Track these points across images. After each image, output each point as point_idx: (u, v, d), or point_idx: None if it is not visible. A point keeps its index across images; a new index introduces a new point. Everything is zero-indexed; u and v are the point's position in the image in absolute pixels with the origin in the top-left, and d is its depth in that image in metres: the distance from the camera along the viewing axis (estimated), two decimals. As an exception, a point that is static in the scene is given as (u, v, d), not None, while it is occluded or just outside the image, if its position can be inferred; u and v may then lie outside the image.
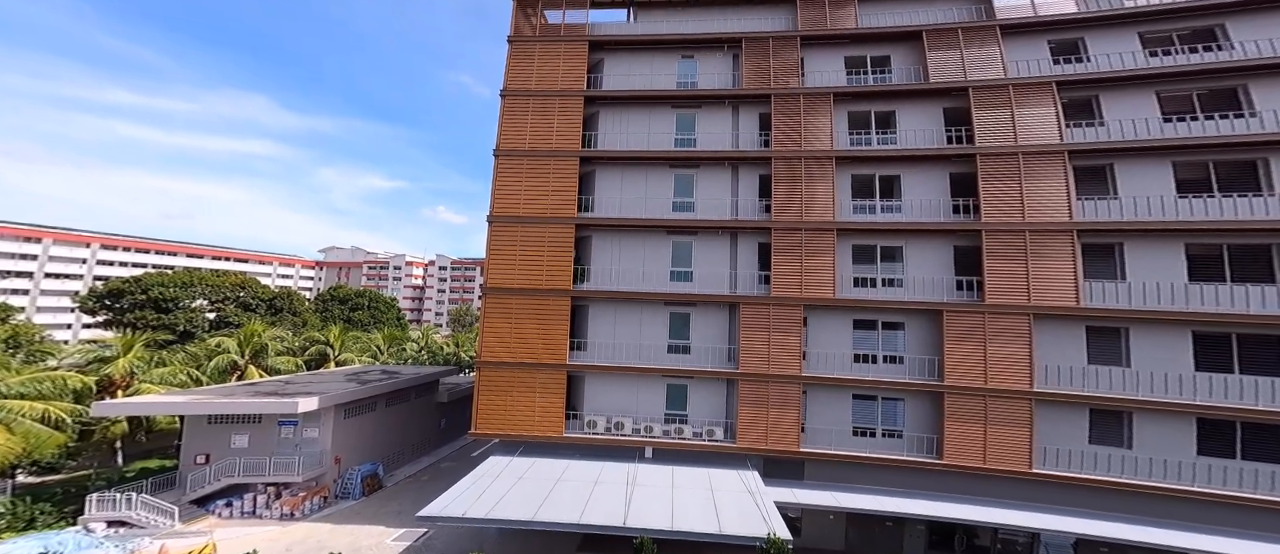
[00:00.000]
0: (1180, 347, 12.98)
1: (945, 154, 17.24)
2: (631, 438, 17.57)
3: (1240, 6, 16.65)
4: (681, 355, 18.28)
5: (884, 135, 18.31)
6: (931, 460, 13.61)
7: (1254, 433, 11.80)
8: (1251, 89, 15.73)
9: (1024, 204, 15.84)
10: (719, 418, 17.40)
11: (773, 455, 15.76)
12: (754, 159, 18.89)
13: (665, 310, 18.92)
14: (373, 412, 24.16)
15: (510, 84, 21.02)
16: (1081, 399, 13.03)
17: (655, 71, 20.52)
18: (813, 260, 17.18)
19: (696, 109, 20.07)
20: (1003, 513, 11.93)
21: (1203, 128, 15.56)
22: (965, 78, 17.87)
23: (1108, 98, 16.92)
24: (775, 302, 17.17)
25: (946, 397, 14.18)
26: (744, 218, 18.54)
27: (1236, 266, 13.46)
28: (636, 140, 20.17)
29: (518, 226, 19.85)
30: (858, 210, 17.63)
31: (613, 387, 18.55)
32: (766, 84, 19.26)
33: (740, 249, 18.50)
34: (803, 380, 16.19)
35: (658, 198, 19.58)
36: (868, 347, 16.02)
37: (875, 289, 16.52)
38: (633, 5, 22.11)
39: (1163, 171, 15.43)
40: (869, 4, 19.79)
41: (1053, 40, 18.17)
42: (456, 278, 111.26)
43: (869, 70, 19.13)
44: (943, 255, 16.28)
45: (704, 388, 17.83)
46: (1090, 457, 12.55)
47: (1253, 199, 14.03)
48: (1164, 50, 17.21)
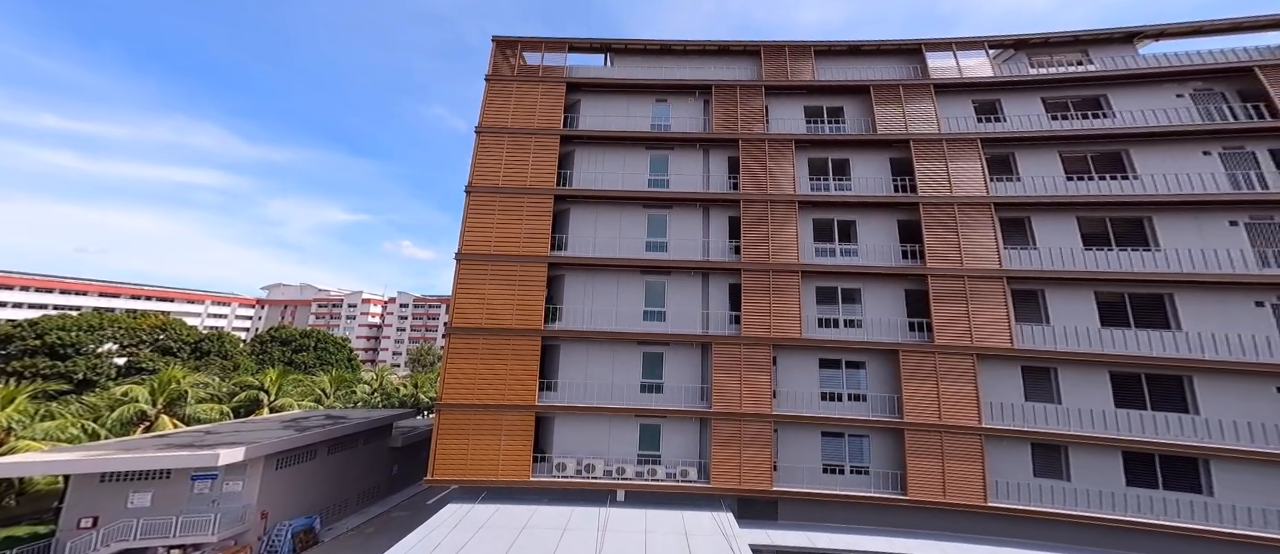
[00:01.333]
0: (1100, 385, 14.34)
1: (893, 202, 18.14)
2: (603, 480, 16.61)
3: (1119, 79, 19.03)
4: (654, 395, 17.67)
5: (840, 182, 19.00)
6: (897, 496, 13.95)
7: (1169, 464, 13.22)
8: (1132, 154, 17.93)
9: (961, 251, 16.95)
10: (692, 458, 16.92)
11: (746, 495, 15.48)
12: (724, 201, 18.87)
13: (638, 350, 18.26)
14: (312, 461, 21.32)
15: (486, 121, 19.77)
16: (1023, 434, 13.97)
17: (630, 114, 20.13)
18: (780, 301, 17.31)
19: (669, 151, 19.83)
20: (963, 548, 12.39)
21: (1097, 186, 17.55)
22: (907, 131, 19.01)
23: (1022, 156, 18.64)
24: (746, 341, 17.08)
25: (906, 433, 14.67)
26: (715, 259, 18.40)
27: (1138, 314, 15.17)
28: (612, 180, 19.56)
29: (488, 264, 18.46)
30: (820, 253, 18.07)
31: (584, 428, 17.55)
32: (734, 129, 19.42)
33: (712, 289, 18.31)
34: (774, 419, 16.13)
35: (632, 237, 19.00)
36: (833, 385, 16.32)
37: (838, 330, 16.92)
38: (609, 51, 21.71)
39: (1070, 225, 17.14)
40: (825, 58, 20.67)
41: (976, 100, 19.82)
42: (419, 316, 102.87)
43: (825, 120, 19.87)
44: (896, 298, 17.01)
45: (677, 427, 17.31)
46: (1036, 489, 13.42)
47: (1143, 253, 15.93)
48: (1063, 114, 19.31)
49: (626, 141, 19.91)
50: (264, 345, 47.18)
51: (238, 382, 32.80)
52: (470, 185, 18.98)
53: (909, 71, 20.41)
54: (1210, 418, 13.13)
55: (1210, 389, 13.52)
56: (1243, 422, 12.88)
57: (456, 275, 18.67)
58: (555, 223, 19.16)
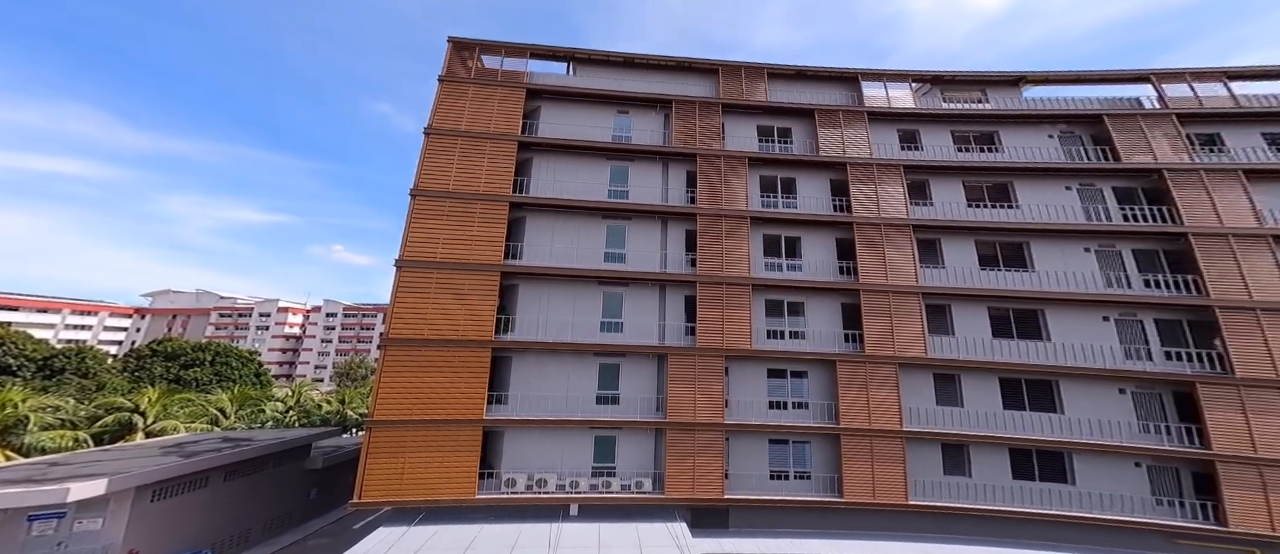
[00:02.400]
0: (992, 389, 16.43)
1: (832, 220, 19.09)
2: (556, 495, 16.00)
3: (1006, 118, 21.46)
4: (611, 406, 17.26)
5: (787, 199, 19.58)
6: (834, 499, 15.00)
7: (1043, 458, 15.58)
8: (1016, 186, 20.44)
9: (887, 268, 18.37)
10: (647, 469, 16.84)
11: (700, 504, 15.76)
12: (681, 214, 18.62)
13: (595, 361, 17.66)
14: (203, 489, 18.25)
15: (438, 122, 17.60)
16: (935, 436, 15.64)
17: (592, 124, 19.00)
18: (733, 313, 17.60)
19: (630, 163, 19.06)
20: (889, 547, 13.66)
21: (989, 214, 19.84)
22: (844, 154, 20.00)
23: (935, 183, 20.44)
24: (700, 352, 17.19)
25: (842, 438, 15.77)
26: (672, 271, 18.17)
27: (1019, 326, 17.53)
28: (571, 189, 18.40)
29: (434, 272, 16.65)
30: (769, 267, 18.57)
31: (536, 441, 16.72)
32: (693, 144, 19.14)
33: (669, 301, 18.11)
34: (726, 428, 16.49)
35: (590, 248, 18.13)
36: (780, 394, 17.04)
37: (784, 341, 17.62)
38: (573, 60, 20.21)
39: (969, 247, 19.18)
40: (776, 80, 21.00)
41: (900, 129, 21.32)
42: (350, 326, 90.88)
43: (776, 139, 20.29)
44: (834, 311, 18.05)
45: (633, 439, 17.10)
46: (945, 486, 15.14)
47: (1023, 273, 18.34)
48: (966, 147, 21.49)
49: (587, 151, 18.86)
50: (142, 361, 39.34)
51: (103, 403, 26.89)
52: (416, 188, 16.87)
53: (847, 98, 21.41)
54: (1072, 417, 15.68)
55: (1072, 392, 16.11)
56: (1096, 419, 15.55)
57: (397, 283, 16.73)
58: (510, 231, 17.72)
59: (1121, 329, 17.17)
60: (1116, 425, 15.39)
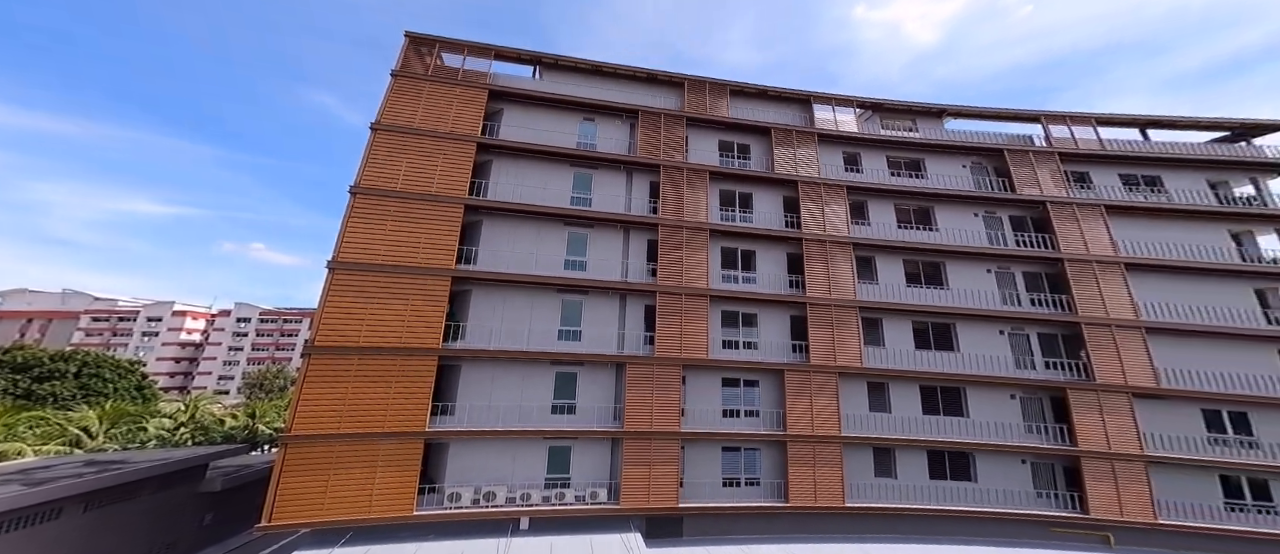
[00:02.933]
0: (913, 396, 18.09)
1: (784, 236, 19.80)
2: (505, 509, 15.27)
3: (930, 147, 23.45)
4: (567, 416, 16.74)
5: (744, 214, 19.96)
6: (780, 504, 15.78)
7: (953, 459, 17.45)
8: (936, 211, 22.53)
9: (830, 283, 19.48)
10: (603, 479, 16.59)
11: (655, 514, 15.79)
12: (644, 224, 18.29)
13: (551, 370, 16.99)
14: (54, 521, 15.38)
15: (388, 118, 15.81)
16: (868, 440, 16.93)
17: (557, 129, 17.99)
18: (691, 323, 17.71)
19: (594, 170, 18.32)
20: (827, 548, 14.46)
21: (914, 235, 21.68)
22: (796, 173, 20.75)
23: (872, 204, 21.83)
24: (659, 361, 17.14)
25: (789, 444, 16.57)
26: (633, 280, 17.85)
27: (936, 338, 19.44)
28: (532, 195, 17.33)
29: (374, 275, 15.02)
30: (726, 279, 18.87)
31: (486, 453, 15.84)
32: (657, 155, 18.82)
33: (629, 310, 17.80)
34: (682, 436, 16.69)
35: (550, 255, 17.26)
36: (733, 402, 17.49)
37: (738, 351, 18.08)
38: (540, 64, 18.89)
39: (898, 265, 20.89)
40: (738, 97, 21.19)
41: (845, 152, 22.55)
42: (268, 332, 79.66)
43: (735, 155, 20.54)
44: (783, 323, 18.79)
45: (589, 448, 16.75)
46: (876, 488, 16.47)
47: (940, 290, 20.31)
48: (899, 172, 23.24)
49: (551, 157, 17.89)
50: (-24, 374, 31.87)
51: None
52: (358, 185, 15.03)
53: (801, 119, 22.16)
54: (975, 420, 17.75)
55: (975, 397, 18.21)
56: (993, 422, 17.75)
57: (329, 285, 14.92)
58: (464, 234, 16.35)
59: (1013, 341, 19.64)
60: (1008, 427, 17.68)
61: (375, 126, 16.65)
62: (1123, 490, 16.23)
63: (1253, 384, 18.33)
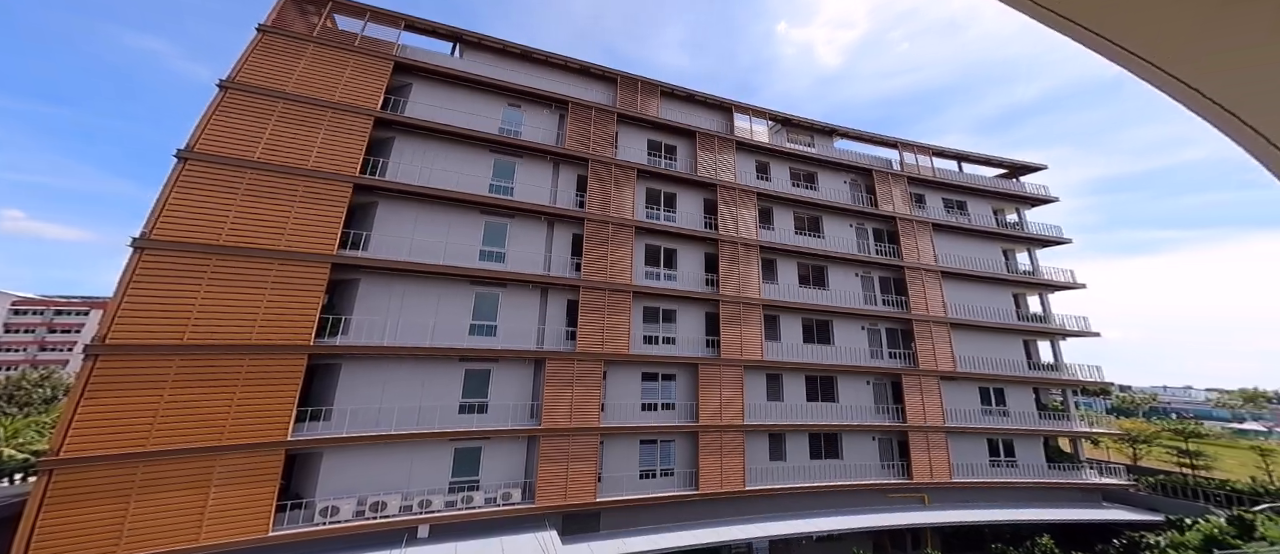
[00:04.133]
0: (800, 385, 19.89)
1: (702, 236, 19.69)
2: (400, 519, 13.07)
3: (822, 163, 25.34)
4: (477, 416, 14.76)
5: (668, 213, 19.26)
6: (692, 492, 16.15)
7: (827, 440, 19.69)
8: (824, 220, 24.70)
9: (740, 283, 20.11)
10: (517, 478, 15.15)
11: (572, 511, 14.91)
12: (570, 217, 16.43)
13: (460, 367, 14.69)
14: None
15: (248, 77, 11.89)
16: (765, 427, 18.14)
17: (478, 113, 15.18)
18: (614, 318, 16.73)
19: (517, 159, 15.81)
20: (729, 530, 15.11)
21: (805, 241, 23.50)
22: (716, 177, 20.65)
23: (776, 211, 23.01)
24: (580, 357, 15.93)
25: (700, 434, 16.96)
26: (556, 274, 16.07)
27: (819, 333, 21.53)
28: (444, 179, 14.30)
29: (215, 259, 11.05)
30: (649, 276, 18.16)
31: (374, 460, 13.31)
32: (587, 149, 16.96)
33: (550, 304, 16.06)
34: (601, 431, 15.92)
35: (463, 244, 14.54)
36: (651, 396, 17.16)
37: (658, 346, 17.71)
38: (460, 41, 15.42)
39: (793, 268, 22.57)
40: (668, 99, 20.07)
41: (757, 160, 23.16)
42: (26, 326, 55.92)
43: (662, 155, 19.54)
44: (699, 319, 18.88)
45: (501, 448, 15.06)
46: (771, 471, 17.78)
47: (822, 291, 22.46)
48: (797, 182, 24.75)
49: (470, 141, 15.04)
50: None
51: None
52: (191, 150, 10.66)
53: (722, 126, 21.94)
54: (843, 404, 20.28)
55: (844, 385, 20.71)
56: (855, 405, 20.50)
57: (133, 269, 10.54)
58: (352, 217, 12.77)
59: (870, 335, 22.79)
60: (863, 409, 20.61)
61: (226, 85, 12.06)
62: (933, 457, 20.13)
63: (1008, 367, 24.00)
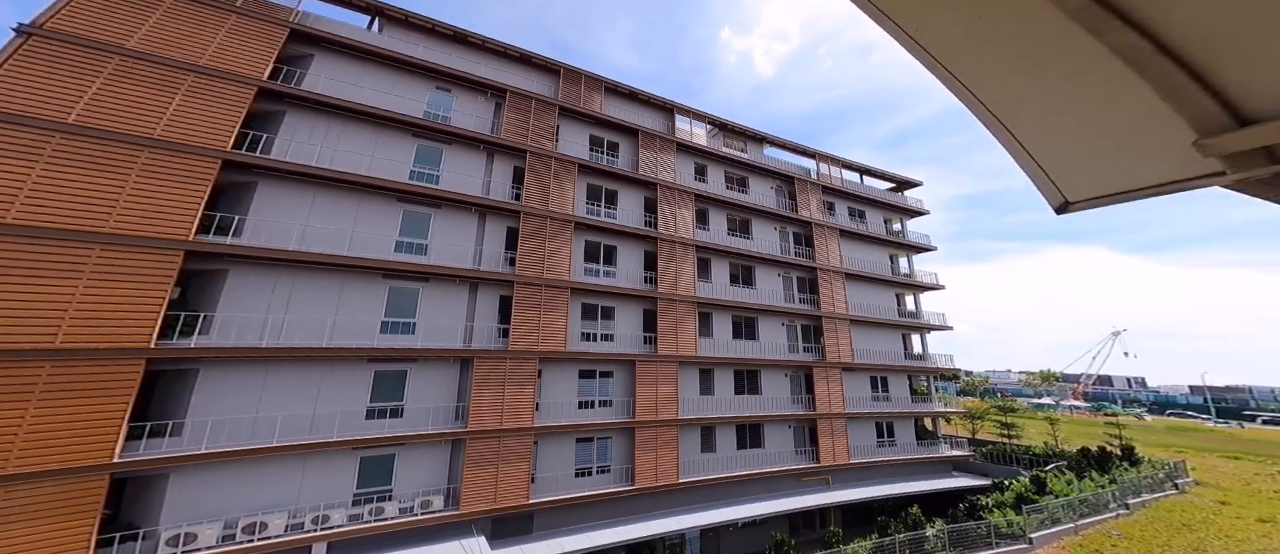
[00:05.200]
0: (729, 379, 20.15)
1: (642, 234, 18.94)
2: (286, 539, 10.79)
3: (752, 168, 25.85)
4: (390, 420, 12.65)
5: (609, 210, 18.16)
6: (628, 487, 15.46)
7: (752, 430, 20.15)
8: (753, 223, 25.32)
9: (677, 281, 19.76)
10: (439, 484, 13.29)
11: (503, 514, 13.48)
12: (505, 210, 14.66)
13: (369, 369, 12.44)
14: None
15: (67, 24, 8.47)
16: (698, 421, 17.89)
17: (397, 93, 12.94)
18: (550, 315, 15.35)
19: (446, 145, 13.70)
20: (663, 522, 14.67)
21: (736, 242, 23.87)
22: (657, 176, 19.98)
23: (711, 212, 23.03)
24: (513, 354, 14.38)
25: (637, 430, 16.32)
26: (488, 268, 14.24)
27: (746, 330, 22.03)
28: (352, 162, 11.76)
29: None
30: (588, 272, 16.97)
31: (247, 476, 10.90)
32: (525, 140, 15.28)
33: (480, 300, 14.22)
34: (535, 431, 14.57)
35: (374, 233, 12.17)
36: (589, 393, 16.08)
37: (596, 343, 16.65)
38: (381, 15, 12.63)
39: (726, 267, 22.73)
40: (612, 95, 18.87)
41: (696, 162, 22.91)
42: None
43: (605, 151, 18.35)
44: (637, 316, 18.13)
45: (420, 454, 13.10)
46: (702, 463, 17.68)
47: (750, 290, 23.02)
48: (731, 186, 25.03)
49: (386, 123, 12.73)
50: None
51: None
52: None
53: (664, 126, 21.28)
54: (766, 396, 21.02)
55: (767, 378, 21.48)
56: (775, 396, 21.33)
57: None
58: (220, 198, 9.93)
59: (789, 331, 23.94)
60: (783, 400, 21.57)
61: (28, 30, 8.43)
62: (835, 441, 21.70)
63: (890, 357, 26.79)
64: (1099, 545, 17.04)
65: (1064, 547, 17.04)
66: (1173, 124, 0.92)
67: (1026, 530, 16.77)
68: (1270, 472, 29.99)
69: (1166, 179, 1.07)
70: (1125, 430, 33.04)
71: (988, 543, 16.11)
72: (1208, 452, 36.20)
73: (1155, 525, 18.98)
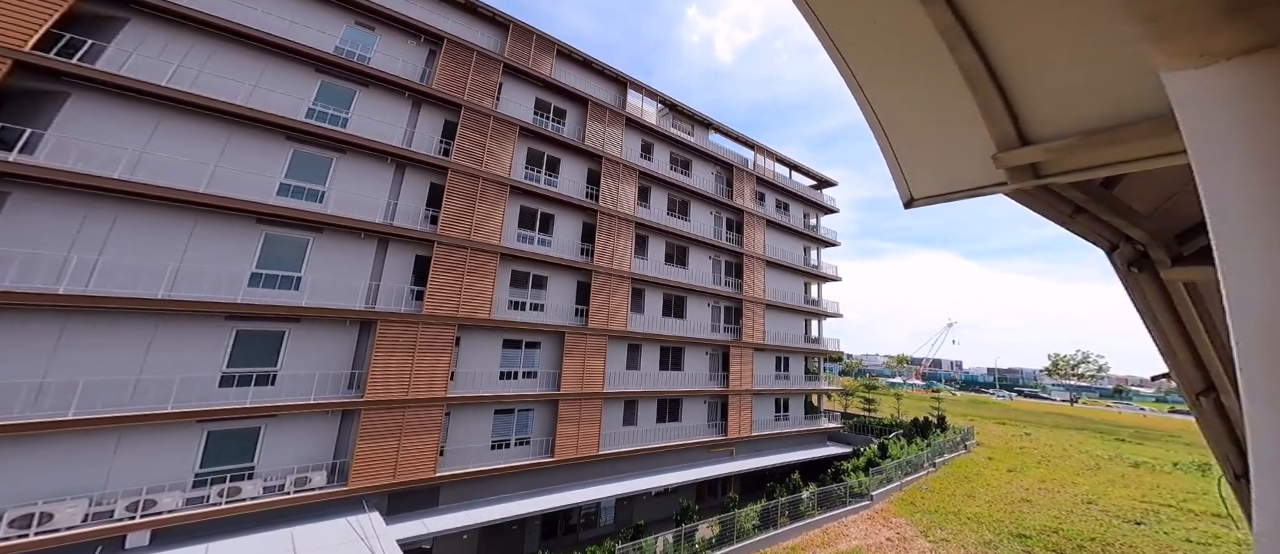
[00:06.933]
0: (655, 355, 19.56)
1: (583, 205, 17.20)
2: (86, 530, 8.13)
3: (698, 153, 24.84)
4: (256, 389, 10.05)
5: (550, 178, 16.05)
6: (546, 459, 14.31)
7: (672, 405, 19.89)
8: (692, 205, 24.59)
9: (613, 255, 18.46)
10: (324, 458, 10.96)
11: (403, 489, 11.66)
12: (430, 165, 11.99)
13: (227, 327, 9.63)
14: None
15: None
16: (623, 394, 17.08)
17: (299, 21, 9.30)
18: (476, 280, 13.24)
19: (361, 87, 10.46)
20: (579, 493, 13.78)
21: (676, 222, 22.99)
22: (603, 149, 18.16)
23: (653, 191, 21.88)
24: (428, 319, 12.21)
25: (561, 402, 15.09)
26: (403, 224, 11.66)
27: (675, 308, 21.57)
28: (219, 88, 8.23)
29: None
30: (521, 239, 14.90)
31: (22, 459, 8.02)
32: (461, 95, 12.46)
33: (391, 258, 11.67)
34: (449, 401, 12.68)
35: (249, 171, 9.25)
36: (513, 364, 14.35)
37: (525, 312, 14.87)
38: None
39: (662, 246, 21.88)
40: (563, 60, 16.32)
41: (643, 139, 21.37)
42: None
43: (551, 117, 15.98)
44: (571, 287, 16.58)
45: (297, 427, 10.64)
46: (623, 435, 16.84)
47: (683, 270, 22.51)
48: (675, 167, 23.92)
49: (279, 52, 9.05)
50: None
51: None
52: None
53: (615, 99, 19.27)
54: (687, 372, 20.95)
55: (689, 355, 21.39)
56: (695, 373, 21.36)
57: None
58: (5, 106, 6.32)
59: (712, 311, 24.07)
60: (702, 376, 21.74)
61: None
62: (741, 416, 22.50)
63: (794, 340, 28.53)
64: (913, 498, 19.89)
65: (893, 500, 19.62)
66: (983, 136, 1.04)
67: (870, 490, 18.92)
68: (1019, 433, 37.99)
69: (974, 184, 1.21)
70: (942, 404, 39.52)
71: (844, 502, 17.85)
72: (989, 420, 44.68)
73: (948, 479, 22.61)
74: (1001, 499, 20.06)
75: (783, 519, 15.28)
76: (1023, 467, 26.61)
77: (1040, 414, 51.66)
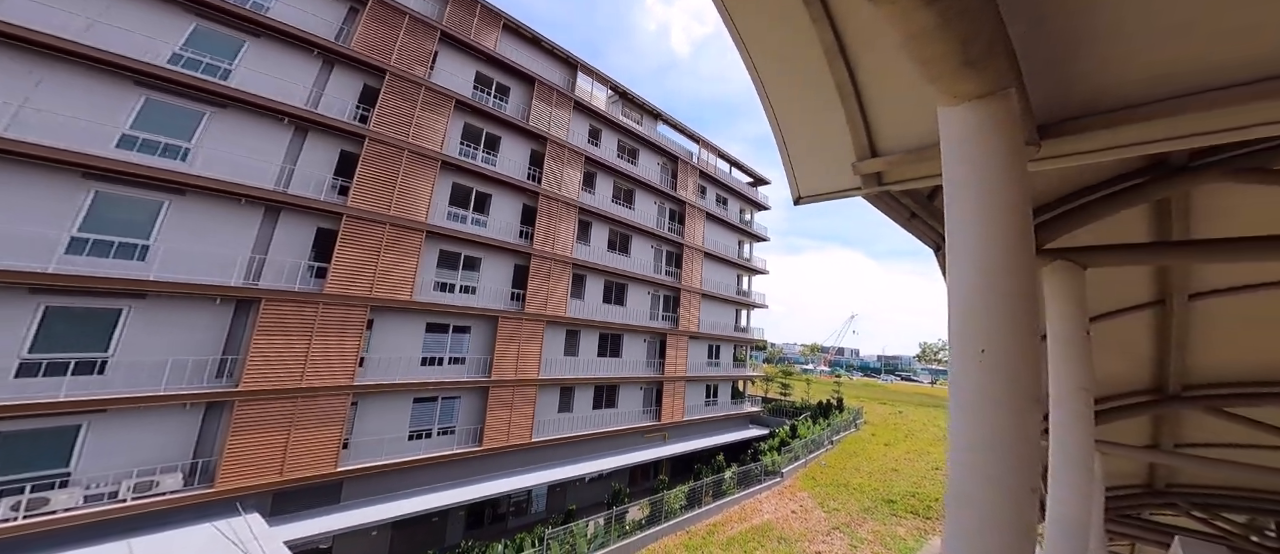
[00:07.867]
0: (593, 342, 18.96)
1: (524, 186, 15.90)
2: None
3: (646, 143, 24.23)
4: (73, 378, 7.85)
5: (488, 155, 14.49)
6: (473, 448, 13.13)
7: (609, 391, 19.47)
8: (637, 194, 24.05)
9: (555, 239, 17.44)
10: (180, 458, 8.95)
11: (295, 486, 10.01)
12: (342, 131, 10.02)
13: (30, 303, 7.33)
14: None
15: None
16: (559, 381, 16.33)
17: None
18: (395, 257, 11.57)
19: (252, 37, 8.21)
20: (509, 481, 12.91)
21: (620, 210, 22.34)
22: (549, 131, 16.91)
23: (599, 178, 21.03)
24: (330, 299, 10.41)
25: (491, 390, 13.94)
26: (301, 192, 9.66)
27: (616, 295, 21.10)
28: (35, 14, 5.62)
29: None
30: (452, 218, 13.29)
31: None
32: (387, 59, 10.53)
33: (284, 228, 9.68)
34: (355, 389, 11.03)
35: (75, 118, 6.63)
36: (437, 349, 12.84)
37: (454, 294, 13.37)
38: None
39: (605, 233, 20.96)
40: (510, 34, 14.67)
41: (591, 125, 20.31)
42: None
43: (493, 93, 14.33)
44: (507, 270, 15.28)
45: (135, 423, 8.50)
46: (558, 422, 15.94)
47: (625, 258, 21.99)
48: (622, 155, 23.16)
49: None
50: None
51: None
52: None
53: (564, 81, 17.97)
54: (625, 359, 20.64)
55: (628, 342, 21.18)
56: (632, 360, 21.14)
57: None
58: None
59: (652, 300, 24.06)
60: (639, 363, 21.60)
61: None
62: (675, 401, 22.92)
63: (725, 329, 29.76)
64: (814, 473, 22.17)
65: (799, 477, 21.64)
66: (848, 146, 1.25)
67: (781, 468, 20.61)
68: (895, 411, 44.28)
69: (843, 187, 1.42)
70: (842, 387, 44.58)
71: (759, 480, 19.21)
72: (875, 400, 51.41)
73: (842, 455, 25.42)
74: (878, 470, 23.05)
75: (707, 498, 15.90)
76: (895, 441, 30.89)
77: (911, 394, 60.61)
